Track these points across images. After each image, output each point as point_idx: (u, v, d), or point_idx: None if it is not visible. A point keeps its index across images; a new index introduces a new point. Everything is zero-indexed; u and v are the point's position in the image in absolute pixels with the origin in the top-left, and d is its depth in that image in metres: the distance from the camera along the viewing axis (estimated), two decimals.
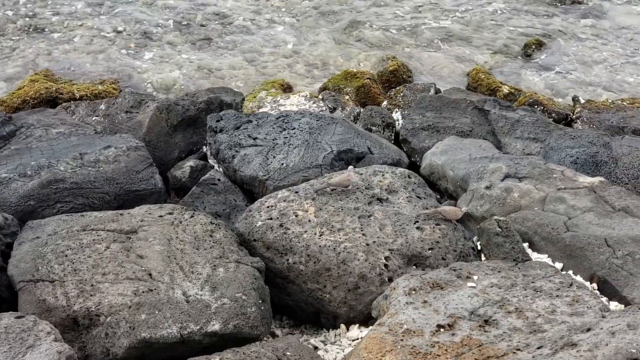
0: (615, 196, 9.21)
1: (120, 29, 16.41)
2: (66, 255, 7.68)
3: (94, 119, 11.86)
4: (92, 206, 9.40)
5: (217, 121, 11.12)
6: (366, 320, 7.94)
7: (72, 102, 12.70)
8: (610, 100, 13.76)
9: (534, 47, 16.41)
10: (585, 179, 9.54)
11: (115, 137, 10.70)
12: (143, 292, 7.26)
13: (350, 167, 9.51)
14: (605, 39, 17.13)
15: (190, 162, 10.87)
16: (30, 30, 16.27)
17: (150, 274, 7.50)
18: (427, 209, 8.96)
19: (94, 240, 7.93)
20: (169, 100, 11.97)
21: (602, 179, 9.57)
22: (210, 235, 8.16)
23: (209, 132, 11.10)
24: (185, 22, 16.81)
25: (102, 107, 12.02)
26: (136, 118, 11.57)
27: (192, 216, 8.43)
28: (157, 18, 16.90)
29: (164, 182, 10.39)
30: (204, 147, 11.40)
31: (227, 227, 8.52)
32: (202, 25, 16.75)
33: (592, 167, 10.34)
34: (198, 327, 7.03)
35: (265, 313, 7.52)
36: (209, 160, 11.01)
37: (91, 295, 7.22)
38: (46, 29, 16.31)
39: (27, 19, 16.68)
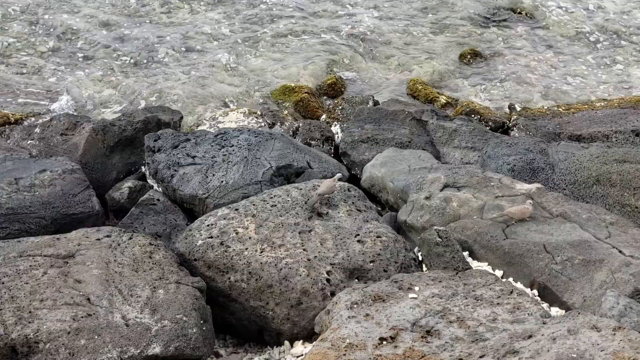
0: (552, 202, 9.31)
1: (54, 46, 16.19)
2: (3, 283, 7.52)
3: (29, 142, 11.70)
4: (29, 231, 9.25)
5: (155, 141, 11.03)
6: (310, 335, 7.92)
7: (6, 126, 12.50)
8: (546, 107, 13.93)
9: (469, 56, 16.54)
10: (522, 186, 9.63)
11: (51, 160, 10.54)
12: (82, 317, 7.16)
13: (338, 174, 9.67)
14: (540, 46, 17.33)
15: (128, 183, 10.76)
16: None
17: (88, 299, 7.39)
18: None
19: (31, 266, 7.79)
20: (105, 121, 11.85)
21: (539, 185, 9.67)
22: (150, 257, 8.07)
23: (146, 152, 11.01)
24: (120, 39, 16.64)
25: (37, 130, 11.85)
26: (72, 140, 11.43)
27: (130, 238, 8.33)
28: (92, 35, 16.70)
29: (102, 204, 10.27)
30: (143, 167, 11.30)
31: (166, 247, 8.44)
32: (137, 39, 16.60)
33: (529, 173, 10.44)
34: (138, 351, 6.94)
35: (207, 333, 7.45)
36: (148, 181, 10.91)
37: (29, 322, 7.09)
38: None
39: None
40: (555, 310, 7.99)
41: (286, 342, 8.01)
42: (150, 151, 10.93)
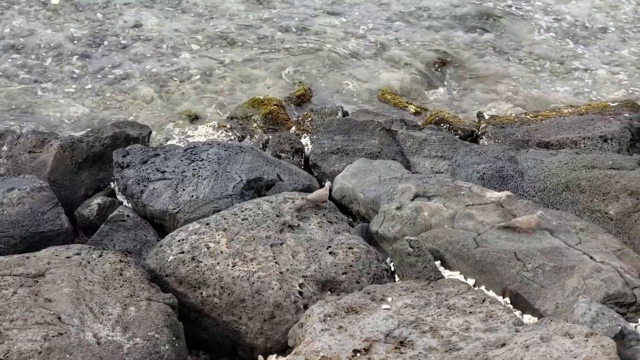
0: (522, 210, 9.34)
1: (18, 62, 16.07)
2: None
3: None
4: None
5: (124, 156, 10.96)
6: (284, 349, 7.89)
7: None
8: (514, 115, 13.99)
9: (437, 65, 16.63)
10: (492, 194, 9.66)
11: (19, 178, 10.45)
12: (53, 336, 7.09)
13: (328, 183, 9.99)
14: (507, 53, 17.45)
15: (97, 200, 10.68)
16: None
17: (59, 318, 7.33)
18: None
19: (0, 286, 7.71)
20: (73, 137, 11.75)
21: (508, 193, 9.71)
22: (120, 274, 8.02)
23: (115, 167, 10.94)
24: (87, 53, 16.55)
25: (5, 148, 11.73)
26: (40, 157, 11.33)
27: (100, 255, 8.27)
28: (57, 48, 16.60)
29: (71, 221, 10.20)
30: (112, 183, 11.23)
31: (137, 264, 8.38)
32: (104, 55, 16.52)
33: (499, 181, 10.48)
34: None
35: (180, 350, 7.40)
36: (118, 197, 10.84)
37: (0, 343, 7.01)
38: None
39: None
40: (527, 318, 8.01)
41: (260, 357, 7.98)
42: (119, 167, 10.86)
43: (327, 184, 9.89)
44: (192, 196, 10.13)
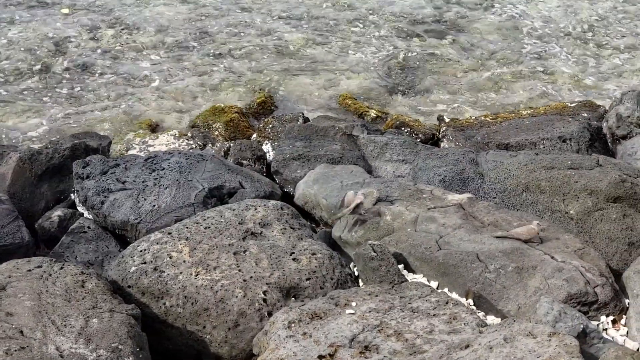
0: (483, 211, 9.41)
1: None
2: None
3: None
4: None
5: (83, 167, 10.88)
6: (249, 357, 7.86)
7: None
8: (473, 117, 14.08)
9: (397, 69, 16.69)
10: (453, 197, 9.71)
11: None
12: (15, 350, 6.99)
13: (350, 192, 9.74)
14: (466, 56, 17.56)
15: (58, 212, 10.59)
16: None
17: (21, 331, 7.24)
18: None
19: None
20: (32, 149, 11.64)
21: (470, 195, 9.76)
22: (82, 286, 7.93)
23: (75, 179, 10.85)
24: (44, 64, 16.43)
25: None
26: None
27: (61, 268, 8.18)
28: (14, 60, 16.47)
29: (32, 234, 10.10)
30: (72, 194, 11.14)
31: (99, 275, 8.29)
32: (66, 69, 16.40)
33: (460, 184, 10.53)
34: None
35: None
36: (78, 208, 10.75)
37: None
38: None
39: None
40: (491, 319, 8.06)
41: None
42: (79, 178, 10.78)
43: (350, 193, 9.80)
44: (154, 206, 10.08)
